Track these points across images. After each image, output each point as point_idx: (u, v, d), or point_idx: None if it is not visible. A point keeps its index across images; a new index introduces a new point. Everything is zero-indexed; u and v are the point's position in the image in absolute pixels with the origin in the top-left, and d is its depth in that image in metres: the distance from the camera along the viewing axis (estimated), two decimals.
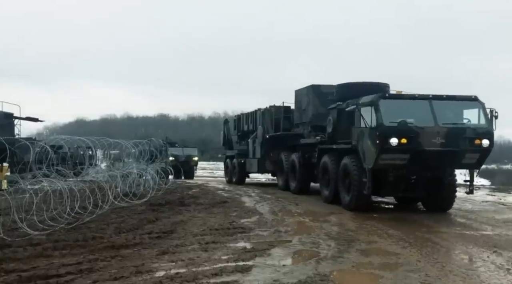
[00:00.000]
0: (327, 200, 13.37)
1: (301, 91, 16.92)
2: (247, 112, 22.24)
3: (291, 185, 16.76)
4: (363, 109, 11.36)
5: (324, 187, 13.72)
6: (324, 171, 13.62)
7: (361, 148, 11.37)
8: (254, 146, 20.46)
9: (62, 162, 15.57)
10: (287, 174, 17.05)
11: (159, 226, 9.71)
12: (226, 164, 24.34)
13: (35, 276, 5.99)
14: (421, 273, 6.32)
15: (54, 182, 10.45)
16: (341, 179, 12.35)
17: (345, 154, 12.24)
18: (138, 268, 6.33)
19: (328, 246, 7.87)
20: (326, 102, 14.73)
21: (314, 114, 15.74)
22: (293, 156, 16.46)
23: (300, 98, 16.99)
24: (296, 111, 17.44)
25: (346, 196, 12.14)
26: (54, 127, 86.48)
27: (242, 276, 5.97)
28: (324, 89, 15.68)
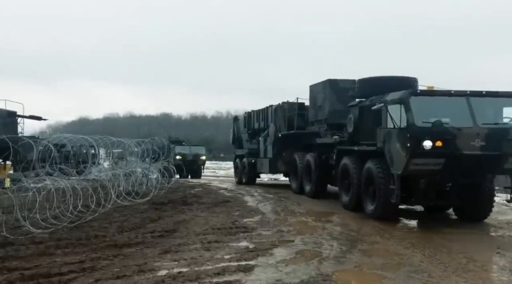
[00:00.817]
0: (347, 206, 12.03)
1: (316, 86, 15.52)
2: (258, 109, 20.89)
3: (305, 188, 15.33)
4: (390, 107, 10.12)
5: (343, 192, 12.38)
6: (344, 175, 12.27)
7: (388, 151, 10.12)
8: (265, 145, 19.07)
9: (65, 161, 15.58)
10: (301, 176, 15.61)
11: (161, 225, 9.72)
12: (235, 163, 22.87)
13: (38, 274, 6.02)
14: (424, 273, 6.31)
15: (57, 180, 10.47)
16: (364, 184, 11.08)
17: (369, 157, 10.96)
18: (140, 267, 6.35)
19: (330, 246, 7.86)
20: (344, 98, 13.68)
21: (331, 111, 14.45)
22: (308, 156, 15.06)
23: (315, 94, 15.56)
24: (311, 108, 16.02)
25: (369, 204, 10.85)
26: (57, 126, 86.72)
27: (245, 276, 5.97)
28: (342, 84, 14.43)
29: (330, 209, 12.31)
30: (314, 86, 15.78)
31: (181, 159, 31.40)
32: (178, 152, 31.71)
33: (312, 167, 14.67)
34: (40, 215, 9.09)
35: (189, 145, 33.40)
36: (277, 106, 18.34)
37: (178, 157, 31.34)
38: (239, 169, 21.92)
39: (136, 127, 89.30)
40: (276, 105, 18.43)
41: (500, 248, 8.06)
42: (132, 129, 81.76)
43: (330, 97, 14.54)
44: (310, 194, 14.85)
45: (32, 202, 9.44)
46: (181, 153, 31.55)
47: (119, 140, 17.24)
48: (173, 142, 33.38)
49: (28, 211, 9.20)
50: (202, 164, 32.84)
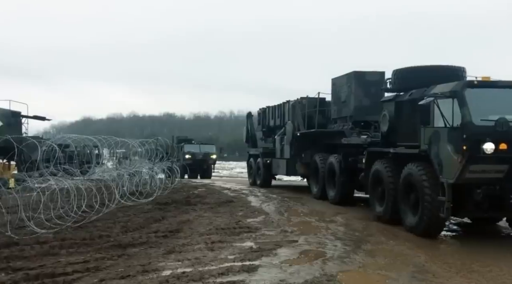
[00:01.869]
0: (381, 218, 10.33)
1: (339, 80, 14.03)
2: (273, 105, 19.33)
3: (328, 194, 13.72)
4: (439, 102, 8.50)
5: (376, 202, 10.66)
6: (377, 181, 10.59)
7: (435, 154, 8.55)
8: (281, 144, 17.40)
9: (69, 161, 15.62)
10: (324, 180, 13.99)
11: (165, 225, 9.73)
12: (249, 164, 21.01)
13: (42, 274, 6.03)
14: (428, 274, 6.31)
15: (61, 180, 10.49)
16: (403, 193, 9.42)
17: (409, 161, 9.31)
18: (144, 267, 6.36)
19: (334, 246, 7.86)
20: (371, 92, 12.64)
21: (357, 108, 13.04)
22: (332, 158, 13.48)
23: (338, 88, 14.07)
24: (334, 103, 14.48)
25: (411, 216, 9.15)
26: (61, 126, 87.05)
27: (249, 276, 5.97)
28: (370, 76, 13.08)
29: (334, 209, 12.30)
30: (337, 79, 14.28)
31: (190, 158, 30.13)
32: (187, 151, 30.55)
33: (337, 170, 13.11)
34: (44, 215, 9.10)
35: (198, 143, 32.25)
36: (295, 102, 16.68)
37: (188, 156, 30.12)
38: (253, 170, 20.29)
39: (139, 127, 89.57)
40: (294, 100, 16.78)
41: (503, 249, 8.03)
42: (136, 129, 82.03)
43: (356, 92, 13.11)
44: (334, 201, 13.35)
45: (37, 202, 9.46)
46: (190, 152, 30.37)
47: (122, 140, 17.26)
48: (181, 140, 32.31)
49: (33, 211, 9.22)
50: (213, 163, 31.70)
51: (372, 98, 12.61)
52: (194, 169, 29.86)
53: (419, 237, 8.70)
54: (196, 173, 30.34)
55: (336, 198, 13.28)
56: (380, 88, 11.91)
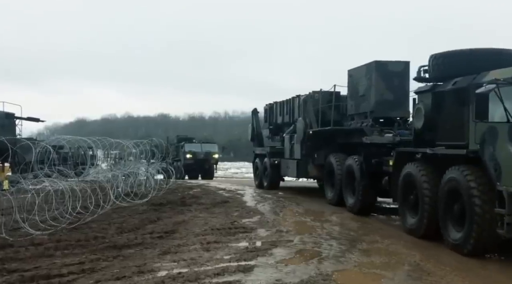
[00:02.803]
0: (415, 231, 8.70)
1: (358, 71, 12.55)
2: (281, 100, 17.72)
3: (347, 200, 12.02)
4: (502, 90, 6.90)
5: (408, 212, 9.08)
6: (408, 188, 8.99)
7: (490, 156, 7.05)
8: (291, 143, 15.77)
9: (63, 162, 15.58)
10: (340, 184, 12.36)
11: (160, 226, 9.72)
12: (255, 164, 19.41)
13: (37, 276, 6.02)
14: (423, 272, 6.34)
15: (56, 182, 10.47)
16: (444, 203, 7.86)
17: (451, 164, 7.78)
18: (140, 268, 6.35)
19: (329, 245, 7.87)
20: (394, 85, 11.42)
21: (378, 102, 11.58)
22: (350, 160, 11.82)
23: (356, 80, 12.57)
24: (350, 98, 12.98)
25: (454, 232, 7.62)
26: (55, 127, 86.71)
27: (244, 276, 5.97)
28: (393, 66, 11.71)
29: (329, 209, 12.31)
30: (354, 70, 12.74)
31: (191, 157, 28.98)
32: (188, 150, 29.35)
33: (356, 174, 11.39)
34: (39, 217, 9.09)
35: (200, 142, 31.12)
36: (306, 97, 14.98)
37: (189, 156, 28.98)
38: (260, 171, 18.58)
39: (134, 128, 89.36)
40: (306, 95, 15.15)
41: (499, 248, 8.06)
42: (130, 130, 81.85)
43: (377, 84, 11.63)
44: (354, 209, 11.55)
45: (31, 203, 9.43)
46: (191, 152, 29.17)
47: (117, 141, 17.21)
48: (182, 139, 31.33)
49: (27, 212, 9.20)
50: (215, 163, 30.39)
51: (395, 91, 11.36)
52: (195, 169, 28.89)
53: (420, 239, 8.52)
54: (197, 174, 29.16)
55: (356, 206, 11.45)
56: (405, 79, 11.00)
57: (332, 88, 13.57)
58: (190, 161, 28.98)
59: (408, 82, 11.40)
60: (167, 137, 28.28)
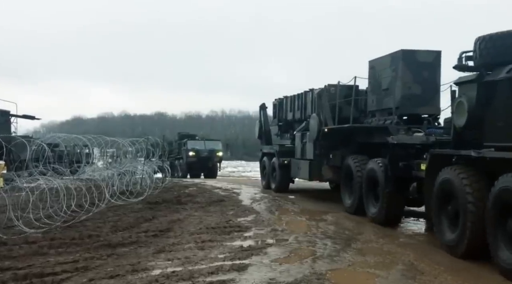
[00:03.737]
0: (454, 249, 7.22)
1: (381, 61, 11.18)
2: (292, 95, 16.27)
3: (368, 209, 10.44)
4: None
5: (446, 227, 7.56)
6: (445, 197, 7.53)
7: None
8: (303, 142, 14.44)
9: (58, 160, 15.54)
10: (360, 190, 10.83)
11: (155, 224, 9.71)
12: (262, 163, 18.00)
13: (31, 274, 6.00)
14: (417, 272, 6.35)
15: (50, 180, 10.44)
16: (495, 218, 6.48)
17: (504, 170, 6.39)
18: (134, 266, 6.34)
19: (324, 245, 7.88)
20: (423, 77, 10.20)
21: (405, 97, 10.27)
22: (373, 163, 10.28)
23: (379, 72, 11.22)
24: (371, 92, 11.60)
25: (507, 251, 6.23)
26: (51, 126, 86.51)
27: (239, 275, 5.97)
28: (422, 56, 10.34)
29: (325, 208, 12.32)
30: (376, 61, 11.40)
31: (194, 155, 27.96)
32: (191, 148, 28.37)
33: (380, 179, 9.83)
34: (33, 215, 9.06)
35: (203, 139, 29.99)
36: (321, 91, 13.58)
37: (191, 154, 28.01)
38: (267, 171, 17.19)
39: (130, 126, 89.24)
40: (320, 88, 13.73)
41: None
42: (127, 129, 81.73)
43: (404, 76, 10.31)
44: (377, 220, 10.01)
45: (26, 201, 9.40)
46: (194, 149, 28.11)
47: (112, 139, 17.18)
48: (184, 136, 30.51)
49: (22, 210, 9.17)
50: (219, 161, 29.28)
51: (424, 84, 10.14)
52: (198, 167, 27.90)
53: (404, 234, 8.78)
54: (200, 172, 28.14)
55: (380, 216, 9.92)
56: (436, 71, 10.02)
57: (351, 80, 11.89)
58: (193, 159, 27.98)
59: (439, 74, 10.39)
60: (163, 135, 28.03)
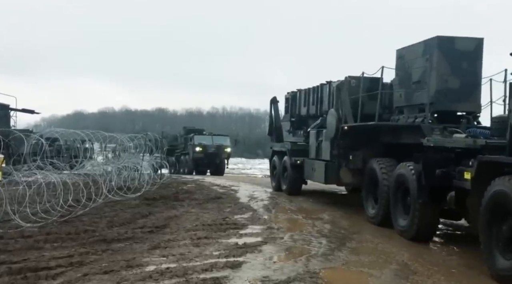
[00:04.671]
0: (507, 278, 5.87)
1: (412, 50, 9.78)
2: (307, 88, 14.84)
3: (397, 222, 8.94)
4: None
5: (496, 248, 6.23)
6: (500, 214, 6.19)
7: None
8: (318, 140, 12.91)
9: (57, 155, 15.56)
10: (387, 199, 9.35)
11: (152, 220, 9.74)
12: (272, 162, 16.45)
13: (26, 268, 6.03)
14: (410, 271, 6.38)
15: (48, 174, 10.46)
16: None
17: None
18: (128, 262, 6.37)
19: (319, 243, 7.90)
20: (462, 68, 8.91)
21: (441, 91, 8.97)
22: (403, 168, 8.72)
23: (408, 63, 9.85)
24: (399, 85, 10.23)
25: None
26: (52, 120, 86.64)
27: (232, 272, 6.00)
28: (462, 45, 9.03)
29: (321, 207, 12.33)
30: (407, 49, 9.98)
31: (201, 151, 26.93)
32: (198, 143, 27.34)
33: (412, 187, 8.29)
34: (30, 209, 9.09)
35: (210, 134, 28.87)
36: (340, 83, 12.04)
37: (198, 149, 27.00)
38: (278, 171, 15.62)
39: (131, 122, 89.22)
40: (340, 81, 12.20)
41: None
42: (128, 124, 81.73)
43: (440, 67, 9.00)
44: (407, 234, 8.47)
45: (23, 196, 9.44)
46: (201, 144, 27.05)
47: (111, 135, 17.18)
48: (190, 131, 29.64)
49: (18, 204, 9.20)
50: (226, 157, 28.17)
51: (463, 77, 8.89)
52: (205, 163, 27.03)
53: None
54: (206, 169, 27.29)
55: (411, 231, 8.36)
56: (477, 62, 8.94)
57: (376, 72, 10.33)
58: (200, 155, 26.94)
59: (481, 66, 9.14)
60: (161, 131, 27.88)
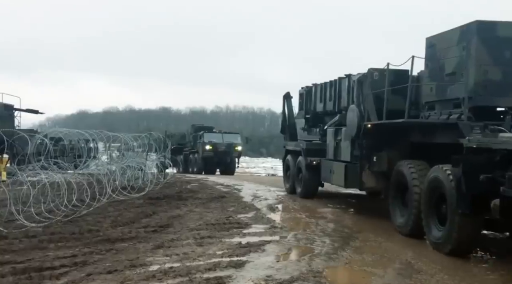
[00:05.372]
0: None
1: (446, 38, 8.59)
2: (323, 82, 13.68)
3: (430, 232, 7.74)
4: None
5: None
6: None
7: None
8: (337, 139, 11.79)
9: (61, 155, 15.62)
10: (418, 207, 8.11)
11: (155, 220, 9.76)
12: (286, 162, 15.40)
13: (30, 268, 6.04)
14: (413, 270, 6.36)
15: (52, 174, 10.49)
16: None
17: None
18: (132, 262, 6.38)
19: (322, 242, 7.90)
20: (505, 58, 7.86)
21: (480, 83, 7.87)
22: (438, 172, 7.56)
23: (441, 52, 8.68)
24: (430, 77, 9.01)
25: None
26: (57, 119, 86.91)
27: (236, 272, 6.00)
28: (505, 30, 7.92)
29: (324, 206, 12.32)
30: (439, 37, 8.80)
31: (211, 149, 26.19)
32: (208, 141, 26.56)
33: (449, 195, 7.13)
34: (34, 209, 9.12)
35: (221, 132, 28.07)
36: (362, 76, 10.76)
37: (208, 148, 26.26)
38: (292, 173, 14.54)
39: (135, 121, 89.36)
40: (361, 74, 10.89)
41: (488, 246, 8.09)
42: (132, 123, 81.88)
43: (479, 56, 7.86)
44: (443, 247, 7.31)
45: (27, 195, 9.46)
46: (211, 143, 26.27)
47: (114, 134, 17.22)
48: (200, 129, 28.93)
49: (23, 204, 9.23)
50: (237, 156, 27.42)
51: (506, 67, 7.83)
52: (215, 162, 26.40)
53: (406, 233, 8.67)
54: (216, 168, 26.60)
55: (448, 243, 7.21)
56: None
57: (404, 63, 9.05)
58: (210, 154, 26.22)
59: None
60: (165, 131, 27.77)
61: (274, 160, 55.88)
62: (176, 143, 30.19)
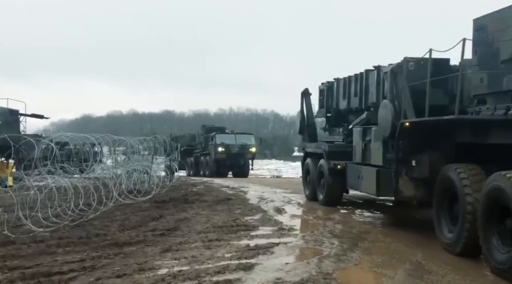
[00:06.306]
0: None
1: (499, 18, 7.02)
2: (347, 76, 12.27)
3: (490, 252, 6.28)
4: None
5: None
6: None
7: None
8: (365, 140, 10.35)
9: (67, 159, 15.63)
10: (473, 221, 6.67)
11: (162, 223, 9.73)
12: (305, 166, 13.98)
13: (38, 273, 6.03)
14: (424, 271, 6.32)
15: (59, 179, 10.49)
16: None
17: None
18: (141, 265, 6.36)
19: (331, 244, 7.86)
20: None
21: None
22: (500, 181, 6.11)
23: (491, 36, 7.19)
24: (479, 65, 7.44)
25: None
26: (61, 124, 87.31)
27: (245, 274, 5.97)
28: None
29: (332, 207, 12.26)
30: (490, 17, 7.24)
31: (224, 151, 25.21)
32: (220, 143, 25.61)
33: None
34: (41, 214, 9.11)
35: (234, 133, 27.10)
36: (396, 67, 9.37)
37: (221, 149, 25.28)
38: (312, 178, 13.13)
39: (139, 124, 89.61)
40: (394, 64, 9.53)
41: None
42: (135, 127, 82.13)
43: None
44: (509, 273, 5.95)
45: (34, 200, 9.47)
46: (224, 144, 25.31)
47: (120, 138, 17.23)
48: (211, 130, 27.88)
49: (30, 209, 9.22)
50: (251, 158, 26.52)
51: None
52: (228, 165, 25.58)
53: (412, 234, 8.66)
54: (229, 170, 25.77)
55: None
56: None
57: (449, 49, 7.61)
58: (222, 156, 25.30)
59: None
60: (170, 134, 27.49)
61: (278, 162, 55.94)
62: (185, 145, 29.27)
